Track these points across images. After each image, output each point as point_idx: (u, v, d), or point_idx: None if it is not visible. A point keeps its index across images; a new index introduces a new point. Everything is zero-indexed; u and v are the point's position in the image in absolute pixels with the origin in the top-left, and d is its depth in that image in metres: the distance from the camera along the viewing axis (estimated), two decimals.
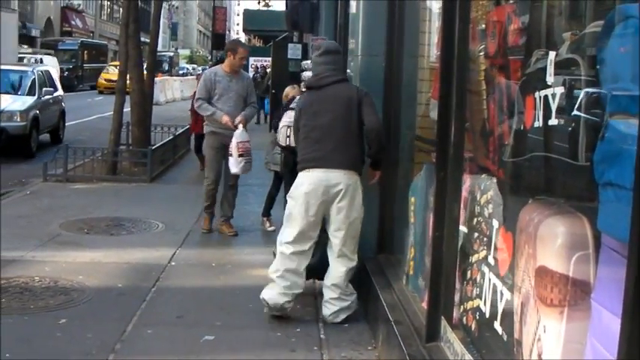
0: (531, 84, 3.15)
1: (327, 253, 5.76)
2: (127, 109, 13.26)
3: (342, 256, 5.67)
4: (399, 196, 5.99)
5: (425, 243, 4.92)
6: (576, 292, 2.66)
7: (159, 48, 20.25)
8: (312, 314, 5.88)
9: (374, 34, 6.30)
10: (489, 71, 3.97)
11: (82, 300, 6.10)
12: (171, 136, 15.34)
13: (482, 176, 3.88)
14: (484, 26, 4.16)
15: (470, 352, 3.70)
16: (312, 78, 5.95)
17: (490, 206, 3.65)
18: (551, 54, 2.96)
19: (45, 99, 16.61)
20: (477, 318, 3.74)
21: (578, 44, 2.88)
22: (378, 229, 6.25)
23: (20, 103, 15.45)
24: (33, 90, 16.31)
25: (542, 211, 2.96)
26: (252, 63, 28.20)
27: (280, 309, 5.72)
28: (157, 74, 23.08)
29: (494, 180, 3.68)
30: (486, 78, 4.00)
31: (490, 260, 3.57)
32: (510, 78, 3.59)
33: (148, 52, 15.31)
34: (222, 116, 8.08)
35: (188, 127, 15.32)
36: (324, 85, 5.76)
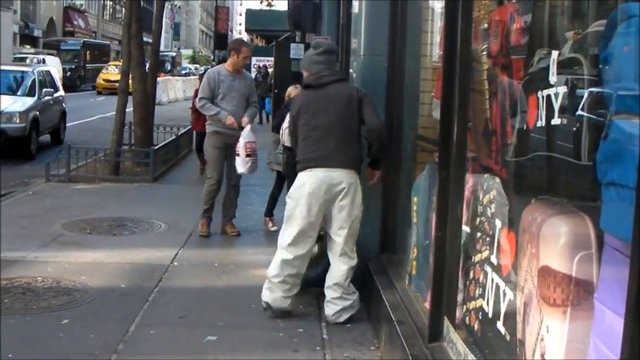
0: (534, 83, 3.15)
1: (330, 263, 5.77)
2: (129, 109, 13.27)
3: (344, 255, 5.67)
4: (401, 196, 5.98)
5: (428, 243, 4.91)
6: (579, 292, 2.66)
7: (161, 48, 20.23)
8: (314, 314, 5.88)
9: (376, 33, 6.29)
10: (492, 71, 3.96)
11: (84, 300, 6.10)
12: (174, 136, 15.33)
13: (485, 176, 3.87)
14: (487, 25, 4.15)
15: (472, 352, 3.69)
16: (312, 76, 5.86)
17: (493, 206, 3.64)
18: (554, 53, 2.95)
19: (45, 100, 16.43)
20: (480, 318, 3.74)
21: (580, 43, 2.87)
22: (380, 228, 6.24)
23: (20, 104, 15.27)
24: (33, 91, 16.13)
25: (545, 211, 2.96)
26: (255, 63, 28.19)
27: (283, 310, 5.78)
28: (159, 74, 23.12)
29: (496, 180, 3.67)
30: (489, 77, 3.99)
31: (493, 260, 3.56)
32: (513, 77, 3.58)
33: (150, 52, 15.32)
34: (227, 117, 8.05)
35: (190, 126, 15.30)
36: (324, 84, 5.74)
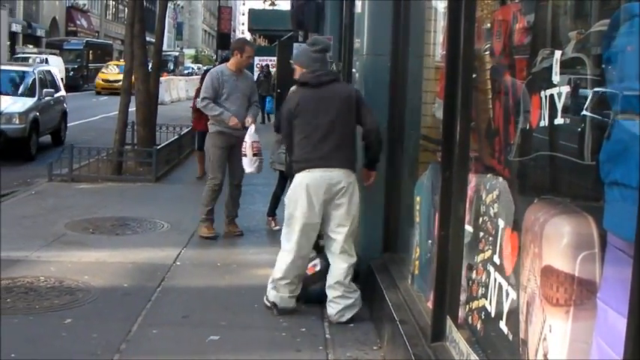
0: (537, 83, 3.15)
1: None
2: (131, 108, 13.27)
3: (343, 253, 5.69)
4: (404, 196, 5.98)
5: (430, 242, 4.91)
6: (582, 292, 2.66)
7: (164, 47, 20.26)
8: (317, 314, 5.88)
9: (379, 33, 6.28)
10: (495, 70, 3.96)
11: (87, 300, 6.10)
12: (177, 136, 15.32)
13: (488, 175, 3.87)
14: (490, 25, 4.15)
15: (475, 351, 3.69)
16: (308, 74, 5.78)
17: (496, 205, 3.64)
18: (557, 53, 2.95)
19: (46, 100, 16.18)
20: (483, 318, 3.74)
21: (583, 43, 2.87)
22: (383, 228, 6.23)
23: (20, 104, 15.03)
24: (33, 91, 15.91)
25: (548, 211, 2.96)
26: (258, 62, 28.17)
27: (290, 309, 5.84)
28: (162, 74, 23.13)
29: (499, 179, 3.67)
30: (492, 77, 3.99)
31: (496, 260, 3.56)
32: (516, 77, 3.58)
33: (153, 51, 15.33)
34: (231, 118, 8.04)
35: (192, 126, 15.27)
36: (323, 83, 5.73)
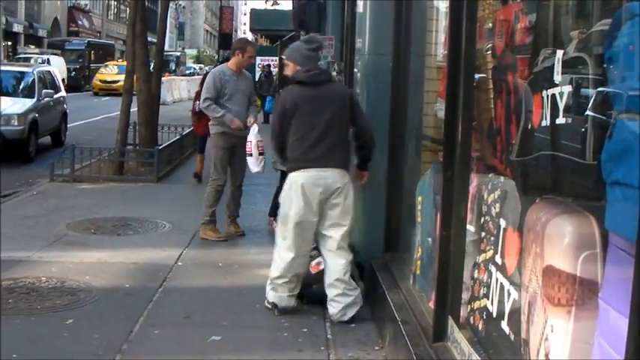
0: (539, 83, 3.14)
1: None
2: (133, 109, 13.28)
3: (340, 249, 5.70)
4: (406, 196, 5.98)
5: (432, 242, 4.91)
6: (584, 292, 2.65)
7: (166, 48, 20.29)
8: (319, 314, 5.87)
9: (381, 33, 6.28)
10: (496, 70, 3.96)
11: (88, 300, 6.10)
12: (178, 136, 15.33)
13: (490, 175, 3.87)
14: (491, 25, 4.15)
15: (477, 351, 3.69)
16: (305, 73, 5.72)
17: (497, 205, 3.64)
18: (559, 52, 2.95)
19: (45, 101, 15.97)
20: (484, 318, 3.73)
21: (585, 43, 2.87)
22: (385, 228, 6.23)
23: (20, 105, 14.81)
24: (32, 92, 15.69)
25: (550, 210, 2.95)
26: (259, 63, 28.17)
27: (291, 309, 5.85)
28: (163, 74, 23.14)
29: (506, 179, 3.67)
30: (493, 77, 3.99)
31: (497, 260, 3.56)
32: (518, 77, 3.58)
33: (154, 51, 15.32)
34: (233, 120, 8.03)
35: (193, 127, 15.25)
36: (320, 83, 5.73)
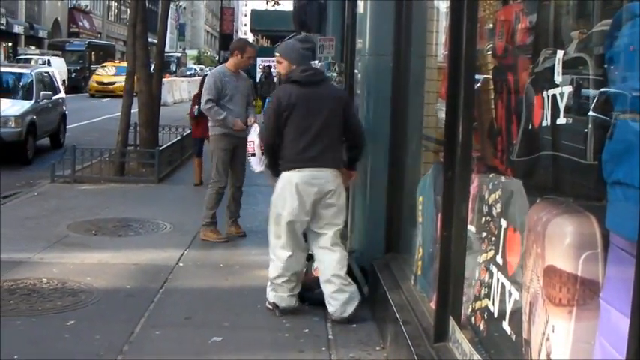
0: (539, 83, 3.14)
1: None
2: (134, 109, 13.28)
3: (335, 244, 5.73)
4: (406, 196, 5.98)
5: (433, 242, 4.91)
6: (585, 292, 2.65)
7: (166, 49, 20.28)
8: (320, 314, 5.87)
9: (381, 33, 6.28)
10: (497, 70, 3.96)
11: (90, 301, 6.11)
12: (179, 137, 15.33)
13: (491, 176, 3.87)
14: (492, 25, 4.15)
15: (478, 351, 3.69)
16: (301, 73, 5.71)
17: (498, 206, 3.64)
18: (559, 53, 2.95)
19: (43, 103, 15.79)
20: (486, 318, 3.73)
21: (586, 43, 2.87)
22: (385, 228, 6.23)
23: (17, 107, 14.60)
24: (31, 93, 15.49)
25: (551, 211, 2.96)
26: (260, 63, 28.16)
27: (292, 309, 5.85)
28: (164, 75, 23.15)
29: (505, 179, 3.67)
30: (494, 77, 3.99)
31: (498, 260, 3.56)
32: (518, 77, 3.58)
33: (155, 52, 15.32)
34: (235, 122, 8.04)
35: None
36: (316, 82, 5.73)
